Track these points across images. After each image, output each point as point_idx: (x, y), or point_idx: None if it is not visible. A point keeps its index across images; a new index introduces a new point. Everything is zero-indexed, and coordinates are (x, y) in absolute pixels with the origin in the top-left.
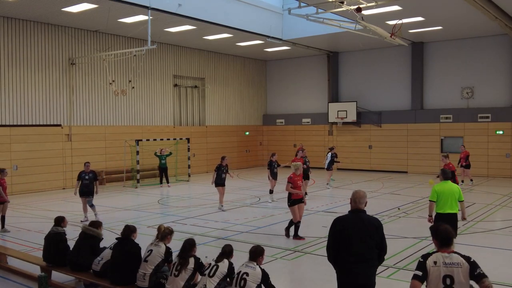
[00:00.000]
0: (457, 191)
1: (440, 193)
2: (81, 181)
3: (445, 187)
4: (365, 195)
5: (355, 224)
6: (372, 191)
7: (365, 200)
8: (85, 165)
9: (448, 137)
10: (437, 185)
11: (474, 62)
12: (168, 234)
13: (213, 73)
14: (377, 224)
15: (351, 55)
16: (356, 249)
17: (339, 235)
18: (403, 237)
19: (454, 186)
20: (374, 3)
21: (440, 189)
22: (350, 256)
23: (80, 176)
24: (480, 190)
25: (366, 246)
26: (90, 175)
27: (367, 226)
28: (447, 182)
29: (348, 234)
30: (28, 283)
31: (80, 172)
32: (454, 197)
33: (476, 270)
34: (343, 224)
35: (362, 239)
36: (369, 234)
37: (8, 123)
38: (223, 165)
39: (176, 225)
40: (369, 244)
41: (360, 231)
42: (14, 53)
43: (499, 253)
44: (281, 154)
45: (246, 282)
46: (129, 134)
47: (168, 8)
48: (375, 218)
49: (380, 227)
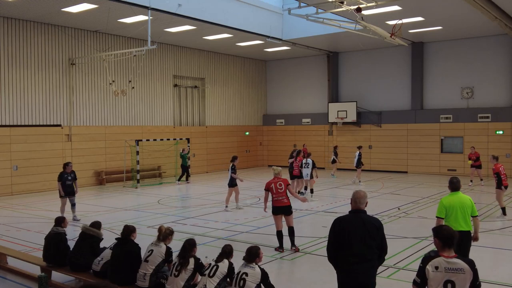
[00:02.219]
0: (469, 205)
1: (449, 208)
2: (64, 181)
3: (455, 200)
4: (365, 195)
5: (355, 224)
6: (372, 191)
7: (366, 200)
8: (68, 165)
9: (448, 137)
10: (445, 198)
11: (474, 62)
12: (169, 234)
13: (213, 73)
14: (377, 225)
15: (351, 55)
16: (356, 249)
17: (339, 235)
18: (403, 237)
19: (465, 199)
20: (374, 3)
21: (449, 202)
22: (350, 256)
23: (62, 177)
24: (480, 190)
25: (366, 247)
26: (72, 175)
27: (367, 227)
28: (457, 194)
29: (348, 234)
30: (28, 283)
31: (62, 173)
32: (466, 211)
33: (477, 280)
34: (343, 225)
35: (362, 239)
36: (369, 235)
37: (8, 123)
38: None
39: (176, 225)
40: (369, 244)
41: (360, 231)
42: (14, 53)
43: (499, 253)
44: (281, 154)
45: (246, 282)
46: (129, 134)
47: (168, 8)
48: (375, 219)
49: (381, 228)
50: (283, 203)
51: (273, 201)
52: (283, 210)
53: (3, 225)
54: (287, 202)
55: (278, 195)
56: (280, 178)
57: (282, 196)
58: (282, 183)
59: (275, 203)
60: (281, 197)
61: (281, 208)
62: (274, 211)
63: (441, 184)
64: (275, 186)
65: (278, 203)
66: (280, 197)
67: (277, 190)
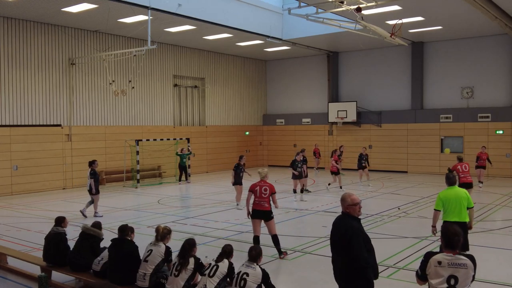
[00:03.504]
0: (465, 197)
1: (446, 201)
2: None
3: (451, 193)
4: (346, 197)
5: (334, 228)
6: (372, 191)
7: (345, 203)
8: (94, 163)
9: (448, 137)
10: (442, 192)
11: (474, 62)
12: (167, 234)
13: (213, 73)
14: (342, 230)
15: (351, 55)
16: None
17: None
18: (403, 237)
19: (461, 192)
20: (374, 3)
21: (445, 196)
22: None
23: (96, 173)
24: (480, 190)
25: (336, 253)
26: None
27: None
28: (453, 188)
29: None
30: (28, 283)
31: (94, 170)
32: (462, 204)
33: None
34: (332, 228)
35: (333, 245)
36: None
37: (8, 123)
38: (241, 164)
39: (176, 225)
40: (337, 249)
41: (334, 235)
42: (14, 53)
43: (499, 253)
44: (281, 154)
45: (246, 282)
46: (129, 134)
47: (168, 8)
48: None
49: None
50: (263, 207)
51: (254, 204)
52: (262, 214)
53: (3, 225)
54: (267, 207)
55: (261, 199)
56: (266, 183)
57: (264, 201)
58: (268, 189)
59: (255, 206)
60: (263, 202)
61: (261, 212)
62: (253, 215)
63: (441, 184)
64: (259, 190)
65: (258, 206)
66: (262, 201)
67: (261, 194)
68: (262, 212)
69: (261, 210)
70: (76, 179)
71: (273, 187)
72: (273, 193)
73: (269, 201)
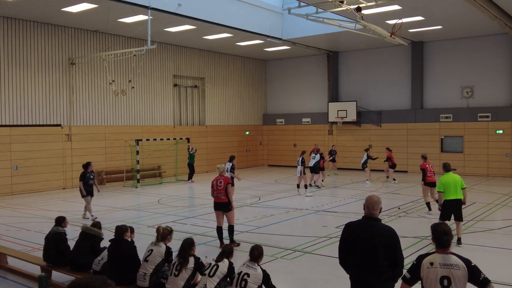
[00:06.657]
0: (459, 180)
1: (445, 184)
2: (87, 181)
3: (449, 178)
4: (379, 201)
5: (363, 232)
6: (372, 191)
7: (379, 206)
8: (90, 165)
9: (448, 136)
10: (442, 177)
11: (474, 61)
12: (168, 234)
13: (213, 73)
14: (387, 235)
15: (351, 55)
16: (361, 259)
17: (346, 241)
18: (403, 237)
19: (456, 176)
20: (373, 3)
21: (445, 180)
22: (356, 265)
23: (85, 176)
24: (480, 190)
25: (371, 257)
26: (93, 174)
27: (375, 236)
28: (449, 174)
29: (354, 242)
30: (28, 283)
31: (84, 173)
32: (457, 185)
33: (480, 276)
34: (352, 231)
35: (367, 249)
36: (376, 245)
37: (8, 123)
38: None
39: (176, 225)
40: (374, 255)
41: (366, 240)
42: (14, 53)
43: (499, 253)
44: (281, 154)
45: (247, 283)
46: (129, 134)
47: (168, 8)
48: (387, 228)
49: (391, 237)
50: (220, 200)
51: (214, 197)
52: (220, 206)
53: (3, 225)
54: (224, 199)
55: (218, 192)
56: (222, 176)
57: (220, 193)
58: (222, 181)
59: (215, 199)
60: (220, 194)
61: (219, 204)
62: (214, 207)
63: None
64: (216, 184)
65: (217, 199)
66: (219, 194)
67: (217, 187)
68: (220, 204)
69: (219, 202)
70: (76, 179)
71: (228, 179)
72: (228, 183)
73: (225, 193)
